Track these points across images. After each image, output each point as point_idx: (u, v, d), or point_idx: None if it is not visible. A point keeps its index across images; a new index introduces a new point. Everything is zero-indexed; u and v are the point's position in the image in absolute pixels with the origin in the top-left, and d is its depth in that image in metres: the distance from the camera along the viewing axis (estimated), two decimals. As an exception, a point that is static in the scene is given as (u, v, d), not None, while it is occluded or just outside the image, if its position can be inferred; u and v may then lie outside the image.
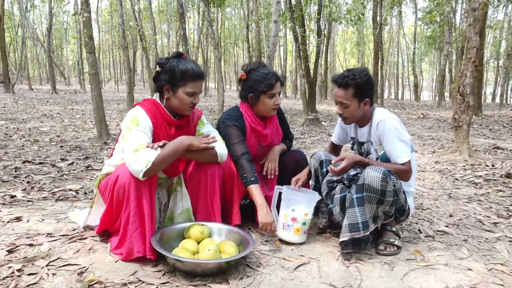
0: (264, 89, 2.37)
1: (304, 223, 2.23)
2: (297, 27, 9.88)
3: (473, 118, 9.85)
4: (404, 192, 2.22)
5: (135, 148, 1.91)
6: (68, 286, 1.70)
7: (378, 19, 15.68)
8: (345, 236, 2.07)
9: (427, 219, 2.72)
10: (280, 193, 2.33)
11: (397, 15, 22.76)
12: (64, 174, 3.69)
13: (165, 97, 2.11)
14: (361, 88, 2.20)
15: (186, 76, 2.04)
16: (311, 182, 2.48)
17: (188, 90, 2.06)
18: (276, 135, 2.59)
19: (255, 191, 2.25)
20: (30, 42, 30.92)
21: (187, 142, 2.04)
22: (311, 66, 12.11)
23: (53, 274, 1.81)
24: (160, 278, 1.81)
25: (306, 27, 10.08)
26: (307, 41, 12.26)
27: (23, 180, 3.40)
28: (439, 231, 2.50)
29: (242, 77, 2.45)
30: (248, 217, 2.55)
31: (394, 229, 2.23)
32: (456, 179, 3.91)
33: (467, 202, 3.13)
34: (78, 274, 1.81)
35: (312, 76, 11.43)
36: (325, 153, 2.44)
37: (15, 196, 2.94)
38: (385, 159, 2.23)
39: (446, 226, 2.58)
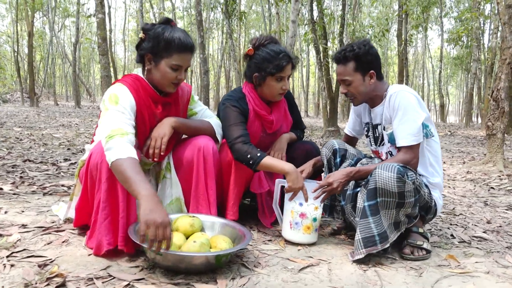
0: (272, 71, 2.05)
1: (314, 219, 1.89)
2: (318, 40, 9.64)
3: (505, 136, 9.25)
4: (426, 186, 1.87)
5: (109, 134, 1.62)
6: (23, 279, 1.42)
7: (403, 35, 15.32)
8: (360, 254, 1.70)
9: (460, 225, 2.33)
10: (282, 188, 2.00)
11: (423, 33, 22.31)
12: (61, 171, 3.46)
13: (146, 68, 1.82)
14: (362, 60, 1.89)
15: (171, 46, 1.74)
16: (323, 175, 2.15)
17: (172, 63, 1.76)
18: (284, 122, 2.27)
19: (270, 161, 1.90)
20: (59, 61, 31.77)
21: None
22: (334, 81, 11.79)
23: (12, 266, 1.52)
24: (135, 274, 1.50)
25: (328, 39, 9.84)
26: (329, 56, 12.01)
27: (16, 176, 3.18)
28: (476, 237, 2.12)
29: (249, 52, 2.13)
30: (250, 217, 2.24)
31: (421, 230, 1.87)
32: (492, 187, 3.49)
33: (507, 210, 2.72)
34: (39, 266, 1.52)
35: (333, 92, 11.11)
36: (339, 141, 2.11)
37: (1, 189, 2.70)
38: (393, 140, 1.90)
39: (484, 232, 2.19)
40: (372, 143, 2.10)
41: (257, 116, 2.15)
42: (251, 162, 1.92)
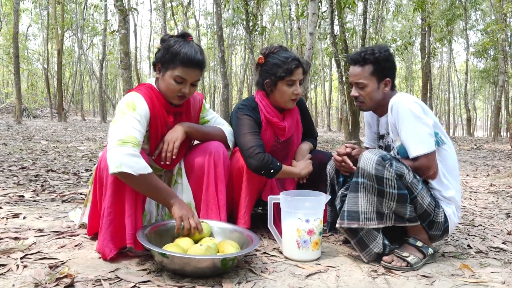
0: (282, 74, 2.06)
1: (320, 233, 1.81)
2: (340, 53, 9.64)
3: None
4: (432, 195, 1.77)
5: (123, 139, 1.64)
6: (34, 279, 1.45)
7: (426, 48, 15.14)
8: (341, 223, 1.75)
9: (479, 236, 2.26)
10: (275, 206, 1.91)
11: (448, 46, 21.95)
12: (82, 181, 3.55)
13: (155, 76, 1.89)
14: (381, 65, 1.86)
15: (176, 58, 1.76)
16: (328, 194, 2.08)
17: (176, 74, 1.77)
18: (296, 130, 2.26)
19: (287, 168, 2.07)
20: (87, 77, 32.74)
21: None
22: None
23: (24, 267, 1.57)
24: (142, 277, 1.52)
25: (350, 53, 9.83)
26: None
27: (38, 184, 3.28)
28: (494, 247, 2.05)
29: (259, 60, 2.16)
30: (261, 224, 2.23)
31: (418, 244, 1.75)
32: (516, 200, 3.37)
33: (530, 221, 2.62)
34: (50, 268, 1.56)
35: (355, 105, 11.04)
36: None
37: (23, 196, 2.79)
38: (404, 152, 1.81)
39: (503, 243, 2.11)
40: None
41: (269, 124, 2.15)
42: (272, 171, 1.96)
